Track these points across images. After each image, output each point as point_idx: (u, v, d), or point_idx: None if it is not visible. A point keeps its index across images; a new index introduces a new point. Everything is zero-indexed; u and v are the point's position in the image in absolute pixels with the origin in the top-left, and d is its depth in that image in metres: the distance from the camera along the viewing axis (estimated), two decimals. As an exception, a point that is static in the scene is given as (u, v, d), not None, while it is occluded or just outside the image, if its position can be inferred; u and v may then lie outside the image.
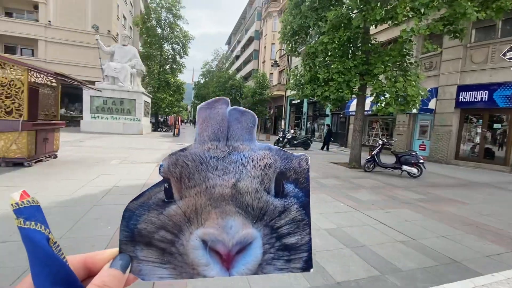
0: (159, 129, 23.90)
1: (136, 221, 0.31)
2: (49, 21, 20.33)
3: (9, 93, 5.40)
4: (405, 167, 7.50)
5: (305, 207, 0.33)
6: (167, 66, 25.34)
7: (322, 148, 15.04)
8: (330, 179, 6.66)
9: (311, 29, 8.85)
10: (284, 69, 26.94)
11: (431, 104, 11.72)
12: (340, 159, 10.78)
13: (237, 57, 49.04)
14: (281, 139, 14.85)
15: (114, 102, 16.72)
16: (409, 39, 7.04)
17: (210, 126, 0.33)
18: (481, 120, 10.94)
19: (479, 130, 11.06)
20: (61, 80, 6.78)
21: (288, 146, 14.06)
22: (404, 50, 7.48)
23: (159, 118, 26.89)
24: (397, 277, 2.39)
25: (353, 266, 2.57)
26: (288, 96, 21.97)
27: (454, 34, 7.31)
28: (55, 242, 0.27)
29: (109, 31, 21.65)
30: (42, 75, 6.35)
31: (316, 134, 22.29)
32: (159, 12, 23.27)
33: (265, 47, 33.08)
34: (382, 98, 7.71)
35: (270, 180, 0.33)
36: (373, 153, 8.05)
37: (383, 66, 7.35)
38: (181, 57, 25.16)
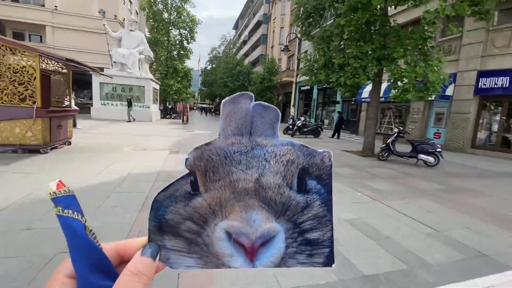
0: (167, 116, 23.92)
1: (164, 212, 0.32)
2: (56, 6, 20.09)
3: (22, 80, 5.36)
4: (421, 156, 7.29)
5: (327, 203, 0.34)
6: (175, 52, 24.97)
7: (332, 136, 14.81)
8: (344, 168, 6.53)
9: (326, 10, 8.43)
10: (293, 54, 26.25)
11: (449, 91, 11.26)
12: (353, 147, 10.58)
13: (244, 42, 47.98)
14: (290, 126, 14.64)
15: (123, 89, 16.69)
16: (433, 21, 6.63)
17: (234, 121, 0.33)
18: (500, 108, 10.49)
19: (497, 118, 10.63)
20: (72, 67, 6.70)
21: (298, 134, 13.87)
22: (426, 32, 7.07)
23: (167, 105, 26.85)
24: (427, 272, 2.31)
25: (379, 259, 2.50)
26: (297, 82, 21.54)
27: (480, 15, 6.85)
28: (91, 230, 0.27)
29: (115, 16, 21.32)
30: (53, 62, 6.28)
31: (326, 121, 21.93)
32: (165, -5, 22.71)
33: (273, 31, 32.13)
34: (400, 84, 7.40)
35: (292, 176, 0.33)
36: (388, 141, 7.84)
37: (402, 50, 6.99)
38: (188, 42, 24.71)
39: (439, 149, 7.14)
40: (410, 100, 7.56)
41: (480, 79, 10.51)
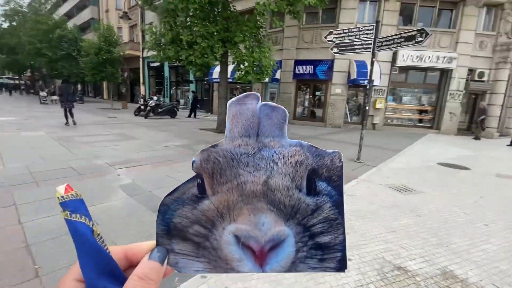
0: None
1: (172, 215, 0.32)
2: None
3: None
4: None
5: (339, 206, 0.33)
6: None
7: (189, 115, 14.84)
8: (201, 145, 6.79)
9: (168, -20, 7.86)
10: (136, 24, 23.09)
11: (277, 75, 14.01)
12: (208, 125, 11.12)
13: (64, -1, 36.71)
14: (142, 107, 13.28)
15: None
16: (262, 12, 7.78)
17: (240, 122, 0.32)
18: (308, 89, 14.36)
19: (307, 97, 14.54)
20: None
21: (151, 114, 12.83)
22: (258, 22, 8.23)
23: None
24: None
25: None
26: (145, 58, 19.35)
27: (293, 14, 8.77)
28: (99, 234, 0.28)
29: None
30: None
31: (182, 101, 21.52)
32: None
33: (107, -9, 26.56)
34: (242, 66, 8.36)
35: (301, 178, 0.33)
36: (237, 118, 8.83)
37: (242, 35, 7.82)
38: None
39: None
40: (251, 81, 8.74)
41: (296, 66, 13.76)
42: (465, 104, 13.67)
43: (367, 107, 6.06)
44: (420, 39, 5.15)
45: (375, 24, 5.80)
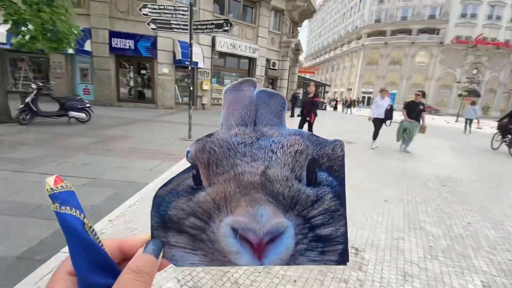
0: None
1: (167, 207, 0.31)
2: None
3: None
4: (72, 113, 7.04)
5: (340, 197, 0.32)
6: None
7: None
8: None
9: None
10: None
11: (87, 46, 11.42)
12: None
13: None
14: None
15: None
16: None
17: (237, 110, 0.31)
18: (132, 66, 12.90)
19: (132, 75, 13.06)
20: None
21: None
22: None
23: None
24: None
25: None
26: None
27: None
28: (90, 227, 0.27)
29: None
30: None
31: None
32: None
33: None
34: (24, 29, 6.04)
35: (301, 168, 0.31)
36: (27, 101, 6.47)
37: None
38: None
39: (88, 105, 7.33)
40: (43, 51, 6.58)
41: (112, 39, 11.79)
42: (267, 87, 17.75)
43: (191, 88, 6.35)
44: (226, 28, 5.93)
45: (189, 6, 6.01)
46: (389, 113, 6.90)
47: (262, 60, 16.10)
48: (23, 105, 6.49)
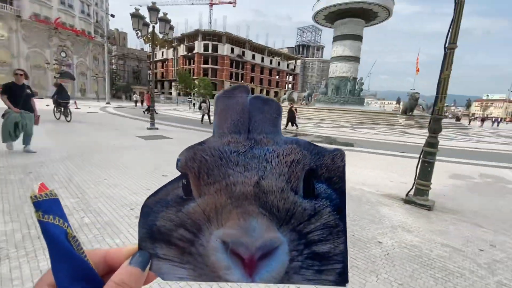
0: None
1: (155, 218, 0.29)
2: None
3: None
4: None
5: (340, 211, 0.29)
6: None
7: None
8: None
9: None
10: None
11: None
12: None
13: None
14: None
15: None
16: None
17: (229, 117, 0.30)
18: None
19: None
20: None
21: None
22: None
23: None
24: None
25: None
26: None
27: None
28: (74, 237, 0.26)
29: None
30: None
31: None
32: None
33: None
34: None
35: (298, 179, 0.30)
36: None
37: None
38: None
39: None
40: None
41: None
42: None
43: None
44: None
45: None
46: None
47: None
48: None
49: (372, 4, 27.66)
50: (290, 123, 14.14)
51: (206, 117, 14.82)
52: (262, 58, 75.65)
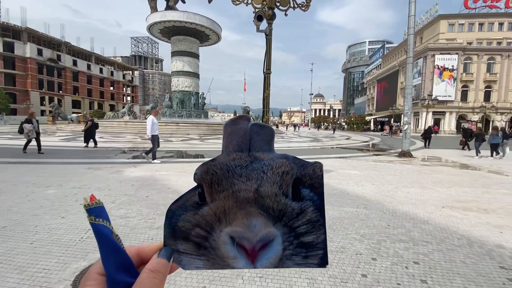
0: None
1: (177, 220, 0.35)
2: None
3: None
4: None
5: (320, 209, 0.36)
6: None
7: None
8: None
9: None
10: None
11: None
12: None
13: None
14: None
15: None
16: None
17: (234, 140, 0.37)
18: None
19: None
20: None
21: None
22: None
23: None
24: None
25: None
26: None
27: None
28: (117, 235, 0.32)
29: None
30: None
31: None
32: None
33: None
34: None
35: (287, 185, 0.36)
36: None
37: None
38: None
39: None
40: None
41: None
42: None
43: None
44: None
45: None
46: None
47: None
48: None
49: (203, 27, 30.30)
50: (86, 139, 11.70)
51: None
52: (89, 66, 63.76)
